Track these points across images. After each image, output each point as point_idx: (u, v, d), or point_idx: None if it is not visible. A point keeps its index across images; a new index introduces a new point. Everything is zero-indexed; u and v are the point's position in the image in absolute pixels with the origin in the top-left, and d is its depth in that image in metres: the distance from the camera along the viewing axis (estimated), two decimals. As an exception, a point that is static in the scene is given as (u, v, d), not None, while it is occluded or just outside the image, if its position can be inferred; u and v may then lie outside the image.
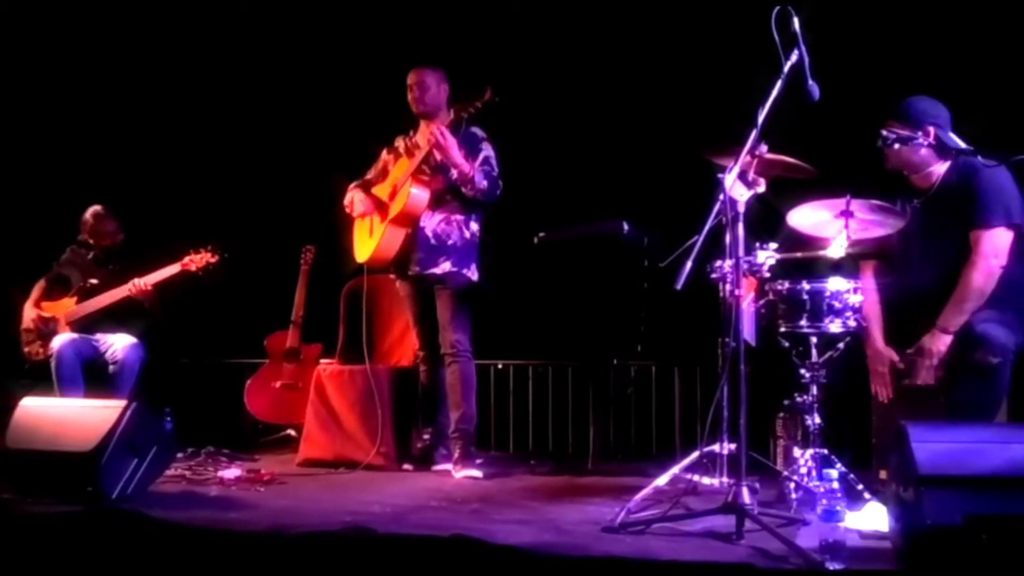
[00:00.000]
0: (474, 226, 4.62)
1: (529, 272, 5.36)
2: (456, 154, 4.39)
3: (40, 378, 4.94)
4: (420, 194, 4.48)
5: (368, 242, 4.63)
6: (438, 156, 4.44)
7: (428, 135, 4.46)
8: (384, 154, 4.80)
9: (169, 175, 6.11)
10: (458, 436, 4.52)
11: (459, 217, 4.56)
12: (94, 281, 5.18)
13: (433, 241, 4.53)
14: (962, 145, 3.57)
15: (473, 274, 4.59)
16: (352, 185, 4.74)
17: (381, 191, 4.66)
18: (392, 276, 4.75)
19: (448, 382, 4.57)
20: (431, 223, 4.54)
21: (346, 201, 4.69)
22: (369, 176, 4.78)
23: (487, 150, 4.58)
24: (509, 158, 4.67)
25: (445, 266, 4.52)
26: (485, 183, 4.46)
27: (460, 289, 4.55)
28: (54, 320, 5.13)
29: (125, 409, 3.67)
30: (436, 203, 4.53)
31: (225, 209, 5.95)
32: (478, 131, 4.60)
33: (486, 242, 4.70)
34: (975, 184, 3.52)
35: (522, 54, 5.50)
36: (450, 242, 4.54)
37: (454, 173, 4.45)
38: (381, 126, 4.92)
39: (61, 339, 5.02)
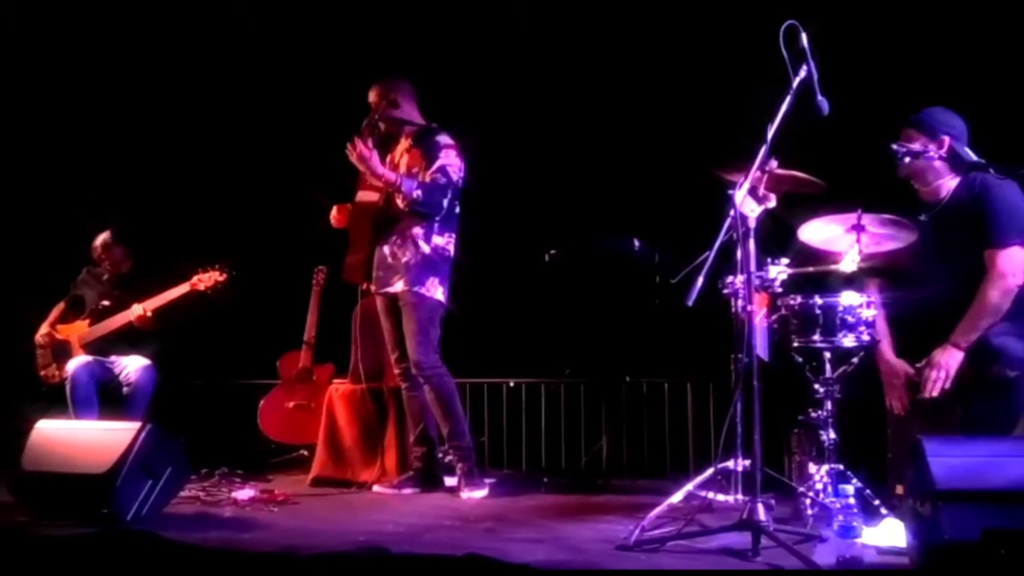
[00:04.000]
0: (437, 240, 4.45)
1: (540, 289, 5.35)
2: (375, 165, 4.35)
3: (55, 400, 4.97)
4: (366, 193, 4.52)
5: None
6: (360, 168, 4.40)
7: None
8: None
9: (182, 195, 6.15)
10: (455, 456, 4.45)
11: (416, 231, 4.43)
12: (106, 303, 5.21)
13: (389, 260, 4.48)
14: (975, 159, 3.57)
15: (429, 291, 4.42)
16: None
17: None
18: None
19: (429, 401, 4.48)
20: (388, 241, 4.49)
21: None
22: None
23: (445, 159, 4.42)
24: (520, 175, 4.65)
25: (398, 285, 4.44)
26: (418, 192, 4.33)
27: (417, 308, 4.42)
28: (67, 343, 5.16)
29: (139, 431, 3.67)
30: (392, 221, 4.47)
31: (237, 230, 5.97)
32: (443, 139, 4.48)
33: (458, 259, 4.54)
34: (988, 202, 3.51)
35: (533, 71, 5.53)
36: (404, 260, 4.43)
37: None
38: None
39: (76, 362, 5.04)
